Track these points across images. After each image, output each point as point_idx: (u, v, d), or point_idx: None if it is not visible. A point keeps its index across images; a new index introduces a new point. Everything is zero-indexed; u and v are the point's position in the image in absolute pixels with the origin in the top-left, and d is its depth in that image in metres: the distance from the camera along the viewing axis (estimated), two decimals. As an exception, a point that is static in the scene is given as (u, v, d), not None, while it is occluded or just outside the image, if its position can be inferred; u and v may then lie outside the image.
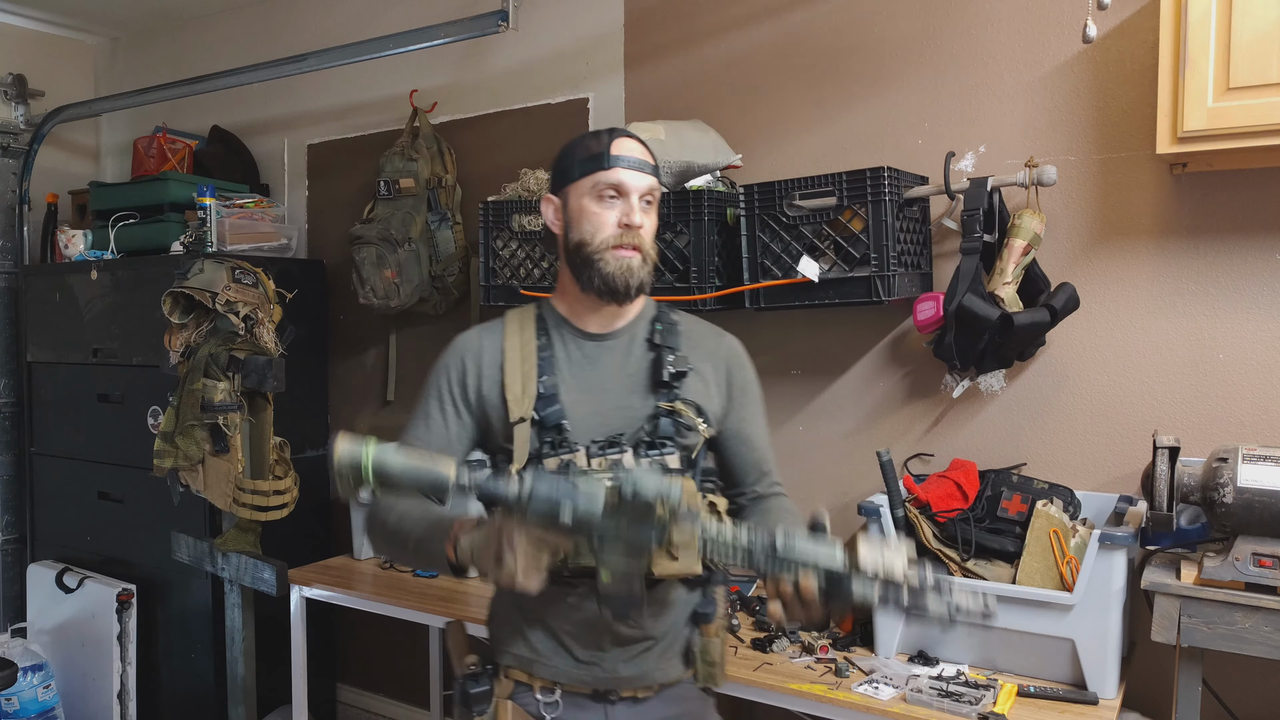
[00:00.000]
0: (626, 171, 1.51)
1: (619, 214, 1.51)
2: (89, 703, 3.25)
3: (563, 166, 1.56)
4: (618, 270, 1.50)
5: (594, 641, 1.50)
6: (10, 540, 3.80)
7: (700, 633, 1.57)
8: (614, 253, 1.50)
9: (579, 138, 1.57)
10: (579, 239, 1.52)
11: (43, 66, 4.03)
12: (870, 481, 2.39)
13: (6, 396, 3.79)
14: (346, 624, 3.51)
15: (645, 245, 1.53)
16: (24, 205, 3.82)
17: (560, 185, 1.57)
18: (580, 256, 1.52)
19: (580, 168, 1.52)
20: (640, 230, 1.51)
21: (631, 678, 1.52)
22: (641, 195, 1.52)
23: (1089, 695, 1.82)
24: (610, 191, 1.51)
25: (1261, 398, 2.01)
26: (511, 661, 1.55)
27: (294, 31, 3.59)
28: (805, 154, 2.52)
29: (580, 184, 1.52)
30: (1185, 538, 1.91)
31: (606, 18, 2.85)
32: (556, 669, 1.51)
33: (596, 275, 1.50)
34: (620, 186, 1.50)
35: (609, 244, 1.50)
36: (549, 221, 1.59)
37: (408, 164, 3.03)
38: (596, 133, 1.56)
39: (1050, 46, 2.20)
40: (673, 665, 1.55)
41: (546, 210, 1.59)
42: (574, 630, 1.50)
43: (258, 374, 2.64)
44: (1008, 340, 2.08)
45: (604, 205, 1.51)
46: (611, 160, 1.50)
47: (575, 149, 1.55)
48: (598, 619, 1.46)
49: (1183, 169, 2.05)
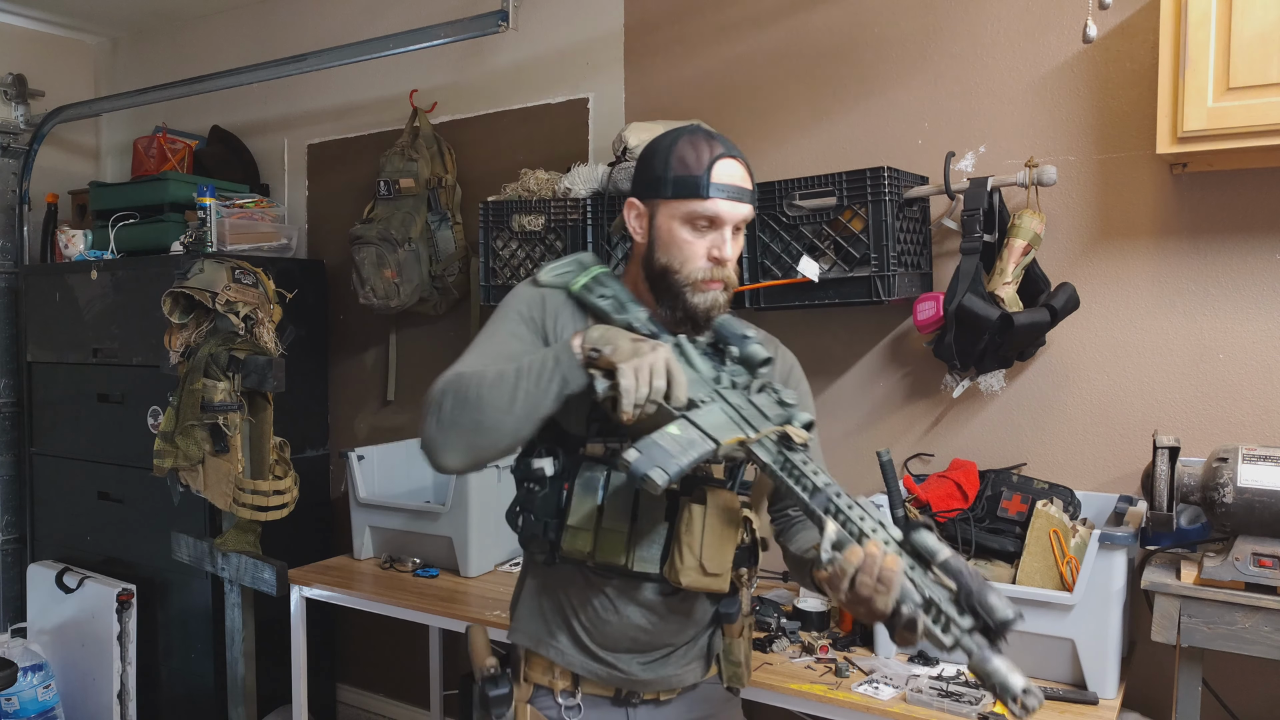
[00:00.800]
0: (725, 203, 1.42)
1: (710, 244, 1.44)
2: (89, 703, 3.24)
3: (654, 175, 1.46)
4: (702, 305, 1.44)
5: (612, 644, 1.48)
6: (10, 540, 3.80)
7: (723, 633, 1.55)
8: (701, 287, 1.44)
9: (676, 141, 1.46)
10: (666, 263, 1.45)
11: (43, 66, 4.04)
12: (870, 481, 2.39)
13: (6, 396, 3.79)
14: (346, 624, 3.51)
15: (732, 276, 1.47)
16: (24, 205, 3.82)
17: (649, 195, 1.47)
18: (665, 282, 1.45)
19: (676, 187, 1.43)
20: (729, 264, 1.46)
21: (651, 681, 1.51)
22: (736, 225, 1.46)
23: (1089, 695, 1.82)
24: (704, 222, 1.43)
25: (1261, 398, 2.01)
26: (527, 642, 1.52)
27: (294, 31, 3.59)
28: (805, 154, 2.52)
29: (673, 205, 1.43)
30: (1185, 538, 1.91)
31: (606, 18, 2.85)
32: (572, 660, 1.50)
33: (680, 306, 1.45)
34: (717, 219, 1.43)
35: (697, 277, 1.43)
36: (630, 227, 1.50)
37: (408, 164, 3.03)
38: (695, 141, 1.44)
39: (1050, 46, 2.20)
40: (693, 668, 1.54)
41: (629, 214, 1.50)
42: (592, 629, 1.48)
43: (258, 374, 2.64)
44: (1008, 340, 2.08)
45: (696, 234, 1.43)
46: (711, 190, 1.41)
47: (672, 159, 1.44)
48: (619, 621, 1.46)
49: (1183, 169, 2.05)
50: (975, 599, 1.10)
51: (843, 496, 1.23)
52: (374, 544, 2.87)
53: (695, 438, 1.25)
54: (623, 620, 1.46)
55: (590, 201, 2.51)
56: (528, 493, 1.45)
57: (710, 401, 1.31)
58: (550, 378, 1.31)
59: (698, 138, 1.45)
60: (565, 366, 1.31)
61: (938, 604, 1.13)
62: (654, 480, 1.19)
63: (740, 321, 1.42)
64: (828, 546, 1.19)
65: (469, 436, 1.33)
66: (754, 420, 1.31)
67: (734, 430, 1.28)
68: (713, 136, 1.46)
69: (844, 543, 1.19)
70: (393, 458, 3.00)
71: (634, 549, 1.40)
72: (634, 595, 1.46)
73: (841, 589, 1.17)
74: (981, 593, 1.10)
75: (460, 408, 1.33)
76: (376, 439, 3.31)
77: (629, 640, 1.48)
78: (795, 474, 1.26)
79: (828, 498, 1.23)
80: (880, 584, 1.14)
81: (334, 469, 3.52)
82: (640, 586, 1.45)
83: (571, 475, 1.43)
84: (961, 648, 1.11)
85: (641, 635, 1.48)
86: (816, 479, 1.25)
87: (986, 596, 1.10)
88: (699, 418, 1.27)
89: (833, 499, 1.23)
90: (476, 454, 1.34)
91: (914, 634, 1.14)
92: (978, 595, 1.10)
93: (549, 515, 1.43)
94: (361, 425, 3.46)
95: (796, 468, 1.27)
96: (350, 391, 3.49)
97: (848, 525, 1.21)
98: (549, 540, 1.44)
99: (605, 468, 1.41)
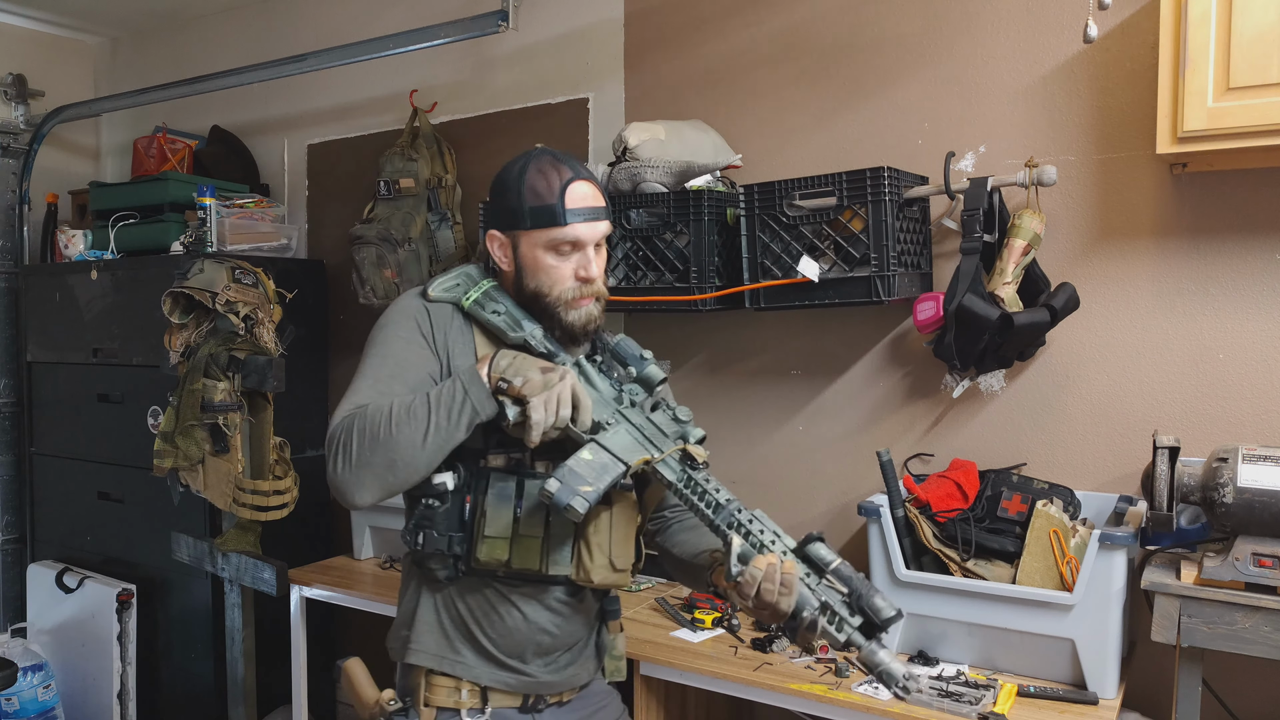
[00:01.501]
0: (583, 225, 1.48)
1: (575, 265, 1.49)
2: (89, 703, 3.24)
3: (509, 206, 1.51)
4: (578, 321, 1.50)
5: (519, 650, 1.52)
6: (10, 540, 3.80)
7: (606, 629, 1.63)
8: (574, 305, 1.49)
9: (525, 171, 1.51)
10: (535, 289, 1.50)
11: (43, 66, 4.03)
12: (870, 481, 2.39)
13: (6, 396, 3.79)
14: (346, 624, 3.51)
15: (601, 289, 1.52)
16: (24, 205, 3.82)
17: (508, 226, 1.52)
18: (539, 305, 1.51)
19: (533, 218, 1.48)
20: (596, 279, 1.51)
21: (554, 683, 1.56)
22: (596, 243, 1.51)
23: (1089, 695, 1.82)
24: (566, 246, 1.48)
25: (1261, 398, 2.01)
26: (430, 662, 1.52)
27: (294, 31, 3.59)
28: (805, 154, 2.52)
29: (533, 234, 1.49)
30: (1185, 538, 1.91)
31: (606, 18, 2.85)
32: (479, 673, 1.52)
33: (558, 326, 1.50)
34: (578, 242, 1.48)
35: (568, 297, 1.49)
36: (496, 258, 1.55)
37: (408, 164, 3.03)
38: (543, 168, 1.50)
39: (1050, 46, 2.20)
40: (588, 666, 1.61)
41: (492, 245, 1.55)
42: (499, 639, 1.51)
43: (258, 374, 2.64)
44: (1008, 340, 2.08)
45: (560, 258, 1.49)
46: (567, 216, 1.46)
47: (524, 190, 1.49)
48: (526, 627, 1.50)
49: (1183, 169, 2.05)
50: (864, 601, 1.27)
51: (744, 511, 1.35)
52: (374, 544, 2.87)
53: (607, 461, 1.34)
54: (530, 625, 1.51)
55: (590, 201, 2.51)
56: (426, 509, 1.46)
57: (615, 423, 1.41)
58: (461, 410, 1.36)
59: (544, 163, 1.50)
60: (475, 398, 1.36)
61: (832, 606, 1.28)
62: (575, 509, 1.30)
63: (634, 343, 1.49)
64: (734, 560, 1.31)
65: (382, 475, 1.36)
66: (655, 439, 1.40)
67: (640, 451, 1.38)
68: (559, 160, 1.51)
69: (747, 555, 1.31)
70: (393, 458, 3.00)
71: (547, 554, 1.45)
72: (542, 599, 1.51)
73: (749, 595, 1.29)
74: (869, 595, 1.26)
75: (371, 447, 1.35)
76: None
77: (534, 644, 1.52)
78: (699, 491, 1.37)
79: (730, 513, 1.35)
80: (783, 588, 1.27)
81: (334, 469, 3.52)
82: (548, 590, 1.51)
83: (473, 488, 1.46)
84: (853, 643, 1.27)
85: (545, 638, 1.53)
86: (719, 495, 1.36)
87: (873, 599, 1.26)
88: (607, 440, 1.37)
89: (735, 514, 1.35)
90: (390, 490, 1.39)
91: (813, 634, 1.28)
92: (865, 598, 1.27)
93: (452, 529, 1.46)
94: (361, 425, 3.46)
95: (700, 485, 1.37)
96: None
97: (749, 538, 1.33)
98: (453, 555, 1.46)
99: (514, 477, 1.46)
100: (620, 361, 1.47)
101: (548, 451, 1.44)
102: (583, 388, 1.39)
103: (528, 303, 1.52)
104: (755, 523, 1.34)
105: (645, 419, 1.42)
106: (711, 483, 1.38)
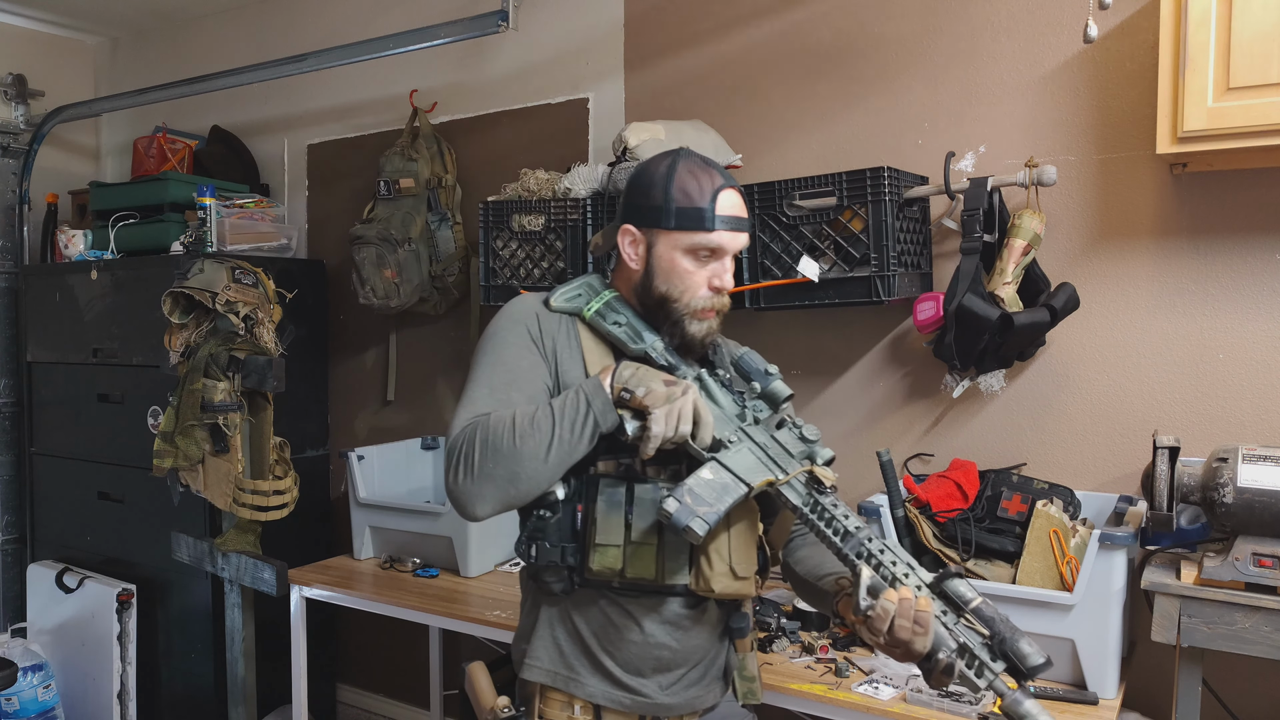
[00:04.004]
0: (728, 234, 1.42)
1: (710, 274, 1.44)
2: (89, 703, 3.25)
3: (654, 204, 1.44)
4: (699, 333, 1.45)
5: (636, 667, 1.45)
6: (10, 540, 3.80)
7: (734, 649, 1.54)
8: (700, 315, 1.45)
9: (675, 170, 1.44)
10: (666, 292, 1.44)
11: (43, 66, 4.04)
12: (870, 481, 2.39)
13: (6, 396, 3.79)
14: (346, 624, 3.51)
15: (727, 303, 1.48)
16: (24, 205, 3.82)
17: (648, 224, 1.45)
18: (664, 310, 1.45)
19: (679, 218, 1.42)
20: (727, 291, 1.46)
21: (674, 705, 1.47)
22: (734, 254, 1.46)
23: (1089, 695, 1.82)
24: (706, 253, 1.43)
25: (1261, 398, 2.01)
26: (545, 678, 1.47)
27: (294, 31, 3.59)
28: (805, 154, 2.52)
29: (675, 236, 1.43)
30: (1185, 538, 1.91)
31: (606, 18, 2.85)
32: (593, 691, 1.46)
33: (678, 333, 1.45)
34: (720, 250, 1.43)
35: (696, 306, 1.44)
36: (625, 254, 1.48)
37: (408, 164, 3.03)
38: (695, 171, 1.44)
39: (1050, 46, 2.20)
40: (713, 689, 1.52)
41: (623, 241, 1.48)
42: (616, 654, 1.45)
43: (258, 374, 2.64)
44: (1008, 340, 2.08)
45: (698, 264, 1.43)
46: (717, 222, 1.41)
47: (673, 190, 1.43)
48: (643, 640, 1.44)
49: (1183, 169, 2.05)
50: (1009, 646, 1.16)
51: (874, 540, 1.26)
52: (374, 544, 2.87)
53: (728, 481, 1.28)
54: (647, 639, 1.44)
55: (590, 201, 2.51)
56: (538, 520, 1.42)
57: (738, 441, 1.34)
58: (585, 422, 1.32)
59: (694, 165, 1.45)
60: (598, 409, 1.32)
61: (971, 649, 1.18)
62: (695, 531, 1.24)
63: (759, 357, 1.44)
64: (864, 593, 1.22)
65: (504, 488, 1.32)
66: (780, 459, 1.34)
67: (764, 472, 1.31)
68: (709, 165, 1.46)
69: (878, 588, 1.22)
70: (393, 458, 3.00)
71: (663, 562, 1.39)
72: (659, 611, 1.44)
73: (880, 631, 1.20)
74: (1014, 640, 1.17)
75: (493, 459, 1.31)
76: (376, 439, 3.31)
77: (653, 660, 1.45)
78: (826, 517, 1.30)
79: (860, 542, 1.26)
80: (918, 625, 1.19)
81: (334, 469, 3.52)
82: (665, 601, 1.44)
83: (584, 496, 1.41)
84: (994, 690, 1.17)
85: (665, 653, 1.45)
86: (848, 523, 1.28)
87: (1019, 644, 1.16)
88: (729, 460, 1.30)
89: (865, 544, 1.26)
90: (509, 503, 1.35)
91: (950, 677, 1.19)
92: (1010, 643, 1.16)
93: (565, 540, 1.41)
94: (361, 425, 3.46)
95: (827, 510, 1.30)
96: (350, 391, 3.49)
97: (880, 569, 1.25)
98: (567, 566, 1.41)
99: (624, 483, 1.40)
100: (744, 376, 1.43)
101: (658, 458, 1.37)
102: (705, 403, 1.34)
103: (652, 307, 1.46)
104: (887, 553, 1.25)
105: (769, 437, 1.36)
106: (840, 508, 1.30)
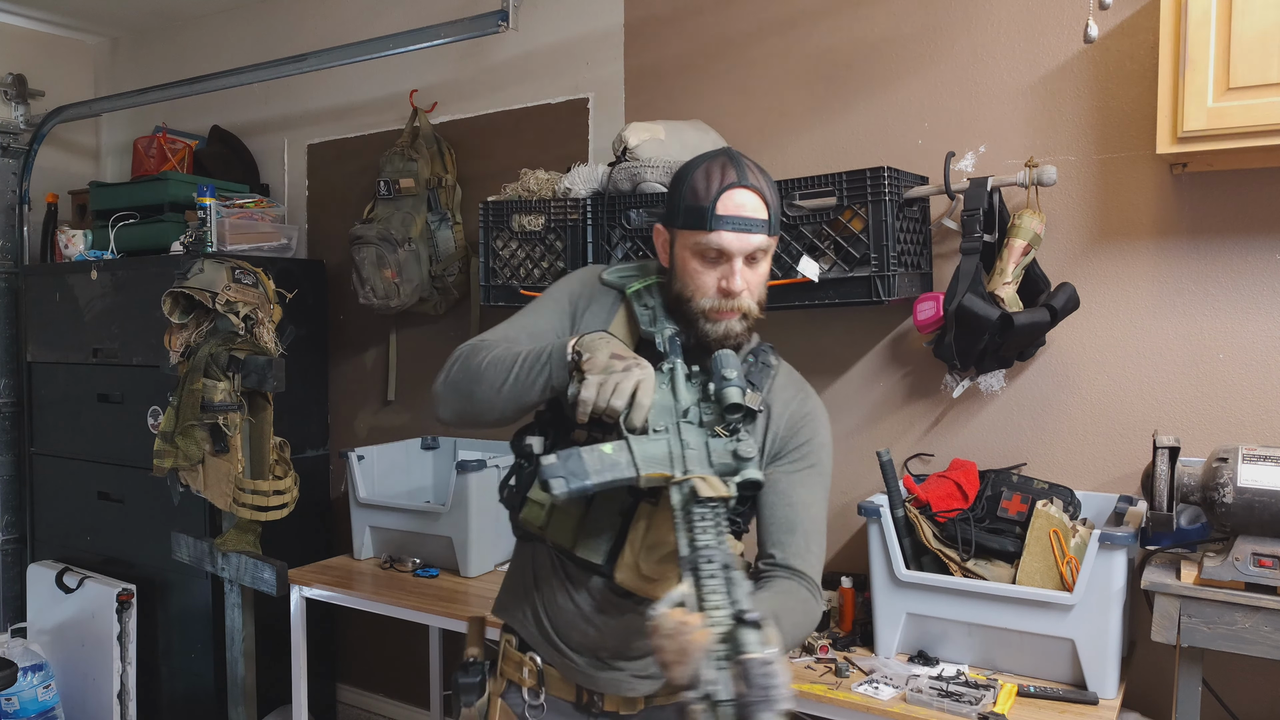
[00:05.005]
0: (730, 235, 1.40)
1: (720, 275, 1.42)
2: (89, 703, 3.25)
3: (673, 202, 1.46)
4: (714, 334, 1.45)
5: (564, 632, 1.51)
6: (10, 540, 3.80)
7: None
8: (713, 317, 1.44)
9: (693, 167, 1.45)
10: (679, 291, 1.46)
11: (43, 66, 4.04)
12: (870, 481, 2.39)
13: (6, 396, 3.79)
14: (346, 624, 3.51)
15: (747, 305, 1.46)
16: (24, 205, 3.82)
17: (669, 222, 1.48)
18: (680, 309, 1.47)
19: (685, 217, 1.42)
20: (740, 294, 1.44)
21: (602, 681, 1.51)
22: (747, 256, 1.44)
23: (1089, 695, 1.82)
24: (712, 254, 1.42)
25: (1261, 398, 2.01)
26: (502, 614, 1.58)
27: (294, 31, 3.59)
28: (805, 154, 2.52)
29: (684, 235, 1.44)
30: (1185, 538, 1.91)
31: (606, 18, 2.85)
32: (533, 637, 1.54)
33: (693, 333, 1.46)
34: (723, 251, 1.42)
35: (706, 308, 1.44)
36: (659, 252, 1.52)
37: (408, 164, 3.03)
38: (711, 169, 1.43)
39: (1050, 46, 2.20)
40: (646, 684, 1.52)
41: (657, 240, 1.52)
42: (549, 609, 1.52)
43: (258, 374, 2.64)
44: (1008, 340, 2.08)
45: (705, 264, 1.42)
46: (715, 222, 1.40)
47: (685, 188, 1.44)
48: (571, 608, 1.49)
49: (1183, 169, 2.05)
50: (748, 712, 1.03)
51: (713, 564, 1.17)
52: (374, 544, 2.87)
53: (622, 462, 1.27)
54: (575, 608, 1.48)
55: (590, 201, 2.51)
56: (519, 467, 1.49)
57: (664, 432, 1.32)
58: (540, 371, 1.37)
59: (716, 163, 1.44)
60: (554, 363, 1.36)
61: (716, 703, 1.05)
62: (552, 488, 1.23)
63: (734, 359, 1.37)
64: (665, 603, 1.15)
65: (462, 403, 1.46)
66: (693, 462, 1.29)
67: (664, 466, 1.29)
68: (731, 163, 1.44)
69: (680, 602, 1.14)
70: (393, 458, 3.01)
71: (582, 535, 1.40)
72: (588, 586, 1.48)
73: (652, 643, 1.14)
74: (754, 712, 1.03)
75: (462, 374, 1.45)
76: (376, 439, 3.31)
77: (579, 633, 1.49)
78: (687, 525, 1.23)
79: (696, 559, 1.19)
80: (679, 653, 1.09)
81: (334, 469, 3.52)
82: (589, 576, 1.47)
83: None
84: None
85: (590, 630, 1.48)
86: (701, 538, 1.21)
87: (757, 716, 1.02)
88: (639, 445, 1.29)
89: (699, 563, 1.18)
90: (464, 418, 1.46)
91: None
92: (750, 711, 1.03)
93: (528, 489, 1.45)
94: (361, 425, 3.46)
95: (692, 521, 1.23)
96: (350, 391, 3.49)
97: (699, 589, 1.16)
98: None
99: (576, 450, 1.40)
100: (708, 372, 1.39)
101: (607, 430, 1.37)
102: (653, 389, 1.31)
103: (672, 304, 1.48)
104: (715, 579, 1.16)
105: (702, 440, 1.32)
106: (705, 522, 1.22)
